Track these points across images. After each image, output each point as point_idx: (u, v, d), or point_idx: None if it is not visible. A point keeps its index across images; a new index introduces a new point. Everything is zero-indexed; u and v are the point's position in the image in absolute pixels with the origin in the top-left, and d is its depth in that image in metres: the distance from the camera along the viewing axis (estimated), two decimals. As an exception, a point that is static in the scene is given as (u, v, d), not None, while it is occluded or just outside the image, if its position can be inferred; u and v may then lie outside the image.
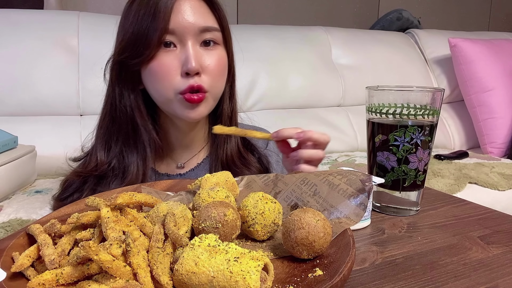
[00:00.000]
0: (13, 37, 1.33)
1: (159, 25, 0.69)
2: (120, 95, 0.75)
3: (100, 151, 0.76)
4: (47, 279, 0.36)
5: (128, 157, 0.75)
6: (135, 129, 0.76)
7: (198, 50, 0.72)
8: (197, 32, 0.71)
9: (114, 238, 0.38)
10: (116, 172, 0.75)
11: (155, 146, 0.77)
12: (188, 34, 0.71)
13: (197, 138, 0.85)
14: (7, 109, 1.30)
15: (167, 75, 0.71)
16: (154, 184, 0.62)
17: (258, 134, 0.68)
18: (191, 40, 0.71)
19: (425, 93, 0.62)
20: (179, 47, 0.71)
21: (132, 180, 0.73)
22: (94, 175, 0.75)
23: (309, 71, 1.75)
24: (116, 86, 0.75)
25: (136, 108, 0.75)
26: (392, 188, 0.63)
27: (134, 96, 0.75)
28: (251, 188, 0.61)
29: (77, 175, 0.76)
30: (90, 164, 0.76)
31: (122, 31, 0.74)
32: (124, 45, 0.72)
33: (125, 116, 0.75)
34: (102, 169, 0.75)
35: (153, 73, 0.71)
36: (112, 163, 0.75)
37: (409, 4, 2.37)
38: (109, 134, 0.77)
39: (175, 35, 0.70)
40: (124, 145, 0.76)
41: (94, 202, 0.45)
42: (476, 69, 1.90)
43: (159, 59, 0.70)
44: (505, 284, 0.44)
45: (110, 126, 0.77)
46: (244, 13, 2.00)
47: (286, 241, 0.44)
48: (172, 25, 0.69)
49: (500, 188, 1.29)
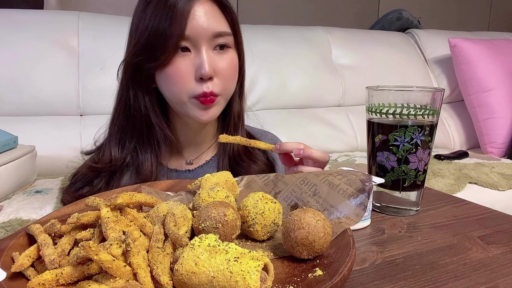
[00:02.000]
0: (13, 37, 1.33)
1: (176, 31, 0.69)
2: (134, 95, 0.77)
3: (114, 148, 0.79)
4: (47, 279, 0.36)
5: (142, 154, 0.78)
6: (149, 128, 0.78)
7: (211, 55, 0.73)
8: (211, 37, 0.72)
9: (114, 238, 0.38)
10: (130, 168, 0.77)
11: (170, 143, 0.79)
12: (202, 39, 0.71)
13: (206, 136, 0.86)
14: (7, 109, 1.30)
15: (182, 80, 0.72)
16: (154, 184, 0.62)
17: (262, 145, 0.69)
18: (205, 46, 0.72)
19: (425, 93, 0.62)
20: (193, 52, 0.72)
21: (147, 176, 0.76)
22: (108, 170, 0.77)
23: (309, 71, 1.75)
24: (130, 87, 0.77)
25: (151, 108, 0.77)
26: (392, 188, 0.63)
27: (149, 97, 0.77)
28: (251, 188, 0.61)
29: (92, 169, 0.78)
30: (104, 159, 0.78)
31: (136, 32, 0.74)
32: (139, 48, 0.73)
33: (140, 115, 0.77)
34: (116, 164, 0.77)
35: (169, 76, 0.72)
36: (127, 159, 0.78)
37: (409, 4, 2.37)
38: (123, 132, 0.79)
39: (189, 40, 0.71)
40: (138, 142, 0.78)
41: (94, 202, 0.45)
42: (476, 69, 1.90)
43: (174, 64, 0.71)
44: (505, 284, 0.44)
45: (124, 124, 0.79)
46: (244, 13, 2.00)
47: (286, 241, 0.44)
48: (188, 31, 0.70)
49: (500, 188, 1.29)
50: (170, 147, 0.80)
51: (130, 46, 0.76)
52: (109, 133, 0.81)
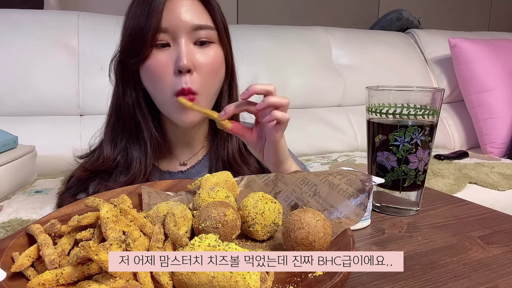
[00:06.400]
0: (13, 37, 1.33)
1: (152, 24, 0.70)
2: (123, 93, 0.78)
3: (106, 147, 0.79)
4: (47, 279, 0.36)
5: (132, 152, 0.78)
6: (137, 126, 0.78)
7: (191, 48, 0.72)
8: (190, 30, 0.72)
9: (114, 238, 0.38)
10: (121, 168, 0.77)
11: (156, 143, 0.78)
12: (181, 32, 0.71)
13: (197, 137, 0.86)
14: (7, 109, 1.30)
15: (161, 74, 0.72)
16: (154, 184, 0.62)
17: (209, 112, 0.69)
18: (184, 38, 0.71)
19: (425, 93, 0.62)
20: (173, 46, 0.72)
21: (135, 175, 0.76)
22: (102, 170, 0.77)
23: (309, 71, 1.75)
24: (120, 85, 0.78)
25: (137, 105, 0.78)
26: (392, 188, 0.63)
27: (136, 94, 0.77)
28: (251, 188, 0.61)
29: (85, 170, 0.78)
30: (98, 159, 0.79)
31: (123, 31, 0.76)
32: (124, 45, 0.75)
33: (128, 113, 0.78)
34: (108, 164, 0.77)
35: (149, 71, 0.73)
36: (118, 159, 0.78)
37: (409, 4, 2.37)
38: (115, 131, 0.79)
39: (168, 34, 0.71)
40: (128, 141, 0.79)
41: (94, 202, 0.45)
42: (476, 69, 1.90)
43: (153, 58, 0.72)
44: (505, 284, 0.44)
45: (116, 123, 0.79)
46: (244, 13, 2.00)
47: (286, 241, 0.44)
48: (165, 23, 0.70)
49: (500, 188, 1.29)
50: (158, 146, 0.79)
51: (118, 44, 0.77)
52: (103, 132, 0.82)
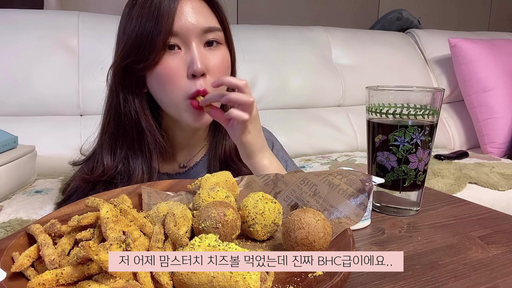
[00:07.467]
0: (13, 37, 1.33)
1: (163, 28, 0.68)
2: (124, 100, 0.75)
3: (106, 156, 0.76)
4: (47, 279, 0.36)
5: (133, 161, 0.76)
6: (140, 133, 0.76)
7: (202, 51, 0.72)
8: (200, 33, 0.71)
9: (114, 238, 0.38)
10: (122, 177, 0.75)
11: (160, 149, 0.77)
12: (192, 35, 0.71)
13: (199, 138, 0.86)
14: (7, 109, 1.30)
15: (174, 78, 0.70)
16: (154, 184, 0.62)
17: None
18: (195, 41, 0.71)
19: (425, 93, 0.62)
20: (184, 49, 0.71)
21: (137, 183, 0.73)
22: (102, 181, 0.75)
23: (309, 71, 1.75)
24: (120, 92, 0.75)
25: (141, 112, 0.75)
26: (392, 188, 0.63)
27: (139, 100, 0.75)
28: (251, 188, 0.61)
29: (85, 181, 0.75)
30: (98, 169, 0.76)
31: (124, 36, 0.73)
32: (127, 50, 0.72)
33: (130, 121, 0.75)
34: (109, 174, 0.75)
35: (160, 77, 0.71)
36: (118, 168, 0.75)
37: (409, 4, 2.37)
38: (114, 139, 0.77)
39: (178, 37, 0.70)
40: (129, 149, 0.76)
41: (94, 202, 0.45)
42: (476, 69, 1.90)
43: (164, 62, 0.70)
44: (505, 284, 0.44)
45: (115, 131, 0.76)
46: (244, 13, 2.00)
47: (286, 241, 0.44)
48: (175, 27, 0.69)
49: (500, 188, 1.29)
50: (161, 152, 0.77)
51: (118, 50, 0.74)
52: (100, 141, 0.79)
